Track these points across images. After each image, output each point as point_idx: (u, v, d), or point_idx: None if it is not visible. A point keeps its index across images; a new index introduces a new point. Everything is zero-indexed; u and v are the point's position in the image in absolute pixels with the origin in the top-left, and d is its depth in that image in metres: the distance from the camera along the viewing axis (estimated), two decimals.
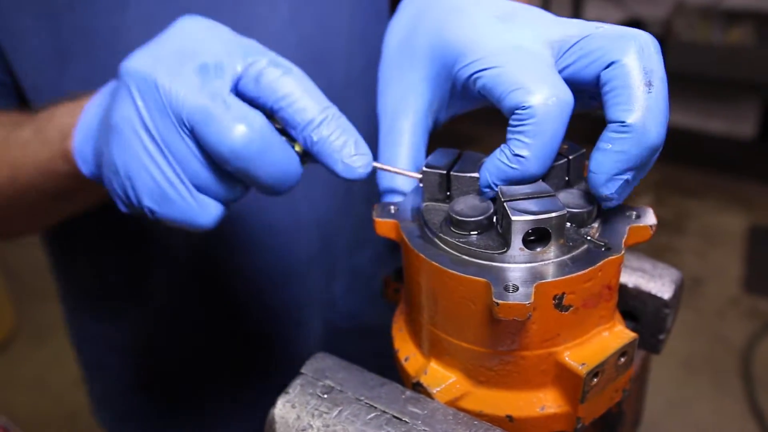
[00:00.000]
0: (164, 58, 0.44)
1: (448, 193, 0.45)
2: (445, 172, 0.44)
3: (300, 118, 0.43)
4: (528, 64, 0.42)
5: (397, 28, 0.53)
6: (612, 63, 0.40)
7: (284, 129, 0.45)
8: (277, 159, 0.43)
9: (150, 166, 0.44)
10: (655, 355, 0.57)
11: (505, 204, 0.40)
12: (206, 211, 0.45)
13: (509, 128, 0.42)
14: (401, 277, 0.55)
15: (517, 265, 0.40)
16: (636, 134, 0.40)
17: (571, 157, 0.44)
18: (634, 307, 0.54)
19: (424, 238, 0.43)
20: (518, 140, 0.42)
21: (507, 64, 0.42)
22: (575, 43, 0.42)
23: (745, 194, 3.36)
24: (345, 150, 0.44)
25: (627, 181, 0.41)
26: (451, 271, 0.40)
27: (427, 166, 0.45)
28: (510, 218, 0.39)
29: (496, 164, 0.43)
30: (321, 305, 0.89)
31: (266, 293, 0.84)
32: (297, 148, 0.45)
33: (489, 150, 0.45)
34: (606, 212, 0.44)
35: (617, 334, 0.44)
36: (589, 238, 0.42)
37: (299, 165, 0.45)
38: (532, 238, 0.40)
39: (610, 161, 0.41)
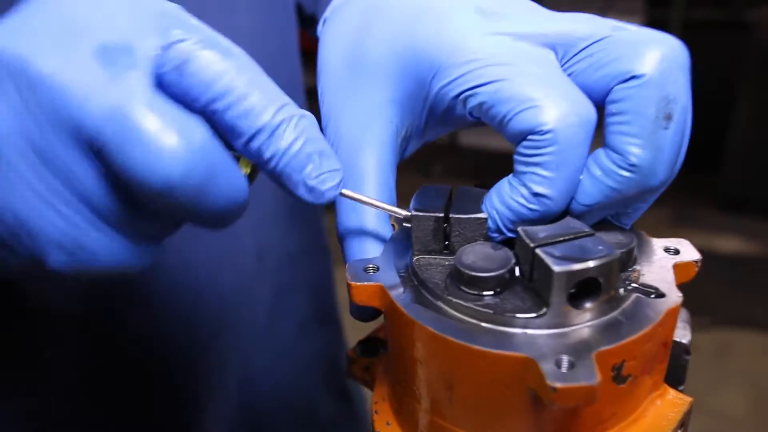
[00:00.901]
0: (43, 33, 0.29)
1: (446, 243, 0.35)
2: (442, 215, 0.34)
3: (246, 125, 0.30)
4: (536, 73, 0.33)
5: (338, 39, 0.42)
6: (630, 78, 0.32)
7: (222, 136, 0.32)
8: (225, 188, 0.30)
9: (55, 203, 0.30)
10: None
11: (537, 252, 0.30)
12: (137, 253, 0.32)
13: (520, 158, 0.33)
14: (368, 350, 0.44)
15: (560, 330, 0.30)
16: (639, 176, 0.32)
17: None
18: None
19: (425, 304, 0.33)
20: (537, 175, 0.32)
21: (510, 75, 0.33)
22: (586, 47, 0.34)
23: None
24: (309, 167, 0.32)
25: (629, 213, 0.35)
26: (477, 347, 0.30)
27: (417, 209, 0.34)
28: (550, 269, 0.29)
29: (509, 204, 0.33)
30: (236, 386, 0.75)
31: (166, 377, 0.69)
32: (243, 166, 0.32)
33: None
34: (640, 250, 0.36)
35: (671, 402, 0.35)
36: (634, 284, 0.33)
37: (247, 189, 0.32)
38: (572, 291, 0.30)
39: (597, 193, 0.33)
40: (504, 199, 0.33)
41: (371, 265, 0.35)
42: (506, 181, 0.34)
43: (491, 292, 0.32)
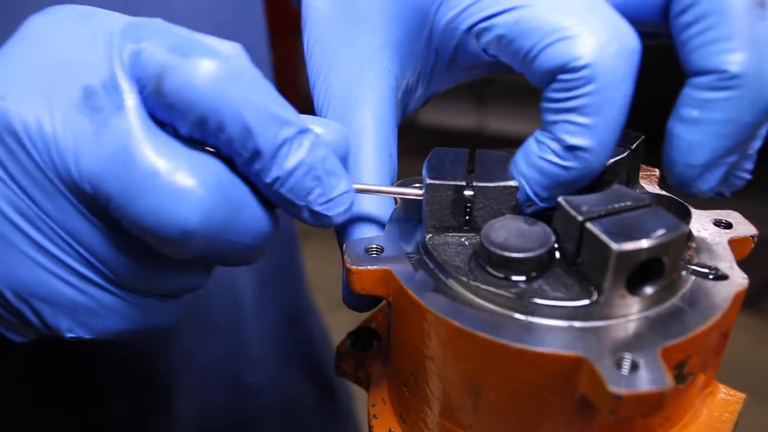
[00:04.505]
0: (25, 81, 0.25)
1: (467, 217, 0.29)
2: (464, 183, 0.28)
3: (242, 149, 0.25)
4: None
5: None
6: None
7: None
8: (250, 221, 0.27)
9: (59, 272, 0.27)
10: None
11: (588, 226, 0.25)
12: (156, 311, 0.29)
13: (549, 105, 0.27)
14: (360, 343, 0.38)
15: (614, 322, 0.25)
16: (747, 88, 0.26)
17: (633, 146, 0.30)
18: None
19: (444, 292, 0.27)
20: (571, 123, 0.27)
21: (533, 0, 0.27)
22: None
23: None
24: (315, 192, 0.27)
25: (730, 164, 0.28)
26: (515, 345, 0.24)
27: (432, 177, 0.28)
28: (607, 247, 0.24)
29: (539, 166, 0.28)
30: (222, 383, 0.68)
31: (119, 374, 0.62)
32: None
33: None
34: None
35: (724, 402, 0.30)
36: (691, 266, 0.28)
37: (271, 218, 0.28)
38: (631, 274, 0.25)
39: (707, 139, 0.27)
40: (532, 160, 0.28)
41: (374, 246, 0.29)
42: (533, 138, 0.28)
43: (527, 277, 0.26)
